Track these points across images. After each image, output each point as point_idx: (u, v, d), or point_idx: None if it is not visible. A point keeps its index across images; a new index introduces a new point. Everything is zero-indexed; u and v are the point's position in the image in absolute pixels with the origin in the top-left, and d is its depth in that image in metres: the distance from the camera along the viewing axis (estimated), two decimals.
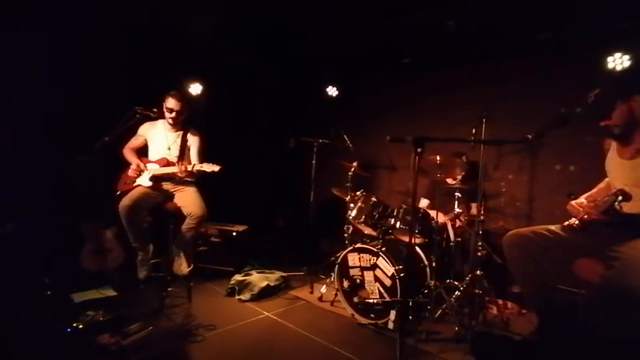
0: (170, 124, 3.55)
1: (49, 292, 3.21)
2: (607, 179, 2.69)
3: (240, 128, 5.63)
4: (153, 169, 3.51)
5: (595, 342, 1.52)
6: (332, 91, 5.39)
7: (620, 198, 2.18)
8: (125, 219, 3.35)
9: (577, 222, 2.43)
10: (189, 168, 3.31)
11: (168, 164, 3.46)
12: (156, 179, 3.50)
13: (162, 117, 3.53)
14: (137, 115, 3.22)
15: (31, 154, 3.75)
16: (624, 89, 2.53)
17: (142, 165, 3.50)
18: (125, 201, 3.32)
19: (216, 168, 3.25)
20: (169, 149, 3.55)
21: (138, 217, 3.42)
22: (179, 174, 3.38)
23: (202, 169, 3.28)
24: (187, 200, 3.51)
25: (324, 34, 4.51)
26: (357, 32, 4.41)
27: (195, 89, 4.76)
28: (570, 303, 2.23)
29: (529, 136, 2.72)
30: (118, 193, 3.49)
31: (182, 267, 3.43)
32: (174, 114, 3.49)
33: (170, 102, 3.48)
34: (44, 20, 3.69)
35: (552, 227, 2.66)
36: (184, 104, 3.51)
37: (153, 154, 3.60)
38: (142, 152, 3.68)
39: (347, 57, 5.16)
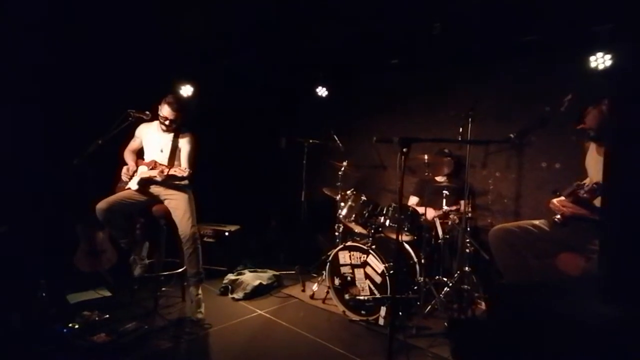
0: (162, 129, 3.52)
1: (44, 294, 3.23)
2: (588, 178, 2.78)
3: (231, 128, 5.66)
4: (141, 171, 3.51)
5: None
6: (321, 91, 5.44)
7: (579, 183, 2.30)
8: (102, 221, 3.35)
9: (558, 217, 2.52)
10: (165, 172, 3.26)
11: (155, 166, 3.40)
12: (143, 182, 3.49)
13: (157, 118, 3.51)
14: (130, 118, 3.23)
15: (25, 156, 3.78)
16: (605, 89, 2.62)
17: (131, 169, 3.51)
18: (101, 204, 3.30)
19: (185, 172, 3.22)
20: (162, 151, 3.53)
21: (115, 220, 3.39)
22: (157, 178, 3.36)
23: (174, 173, 3.23)
24: (176, 212, 3.48)
25: (313, 34, 4.55)
26: (346, 33, 4.47)
27: (187, 89, 4.79)
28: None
29: (511, 135, 2.81)
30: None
31: (198, 312, 3.40)
32: (167, 122, 3.45)
33: (165, 110, 3.42)
34: (36, 19, 3.71)
35: (537, 222, 2.76)
36: (178, 114, 3.44)
37: (147, 156, 3.59)
38: (142, 153, 3.67)
39: (336, 58, 5.21)
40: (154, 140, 3.57)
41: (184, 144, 3.56)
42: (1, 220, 3.51)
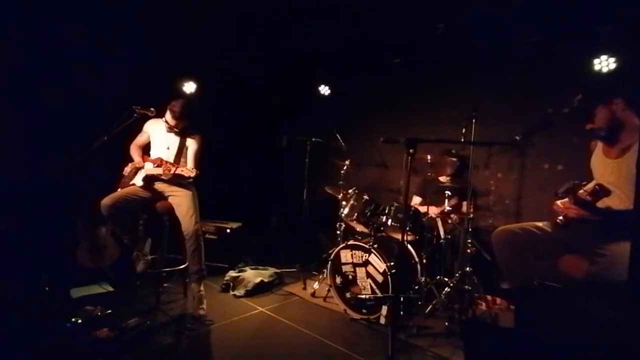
0: (167, 130, 3.54)
1: (46, 288, 3.24)
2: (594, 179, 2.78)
3: (234, 127, 5.66)
4: (147, 168, 3.51)
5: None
6: (324, 90, 5.45)
7: (576, 182, 2.31)
8: (106, 217, 3.35)
9: (561, 218, 2.53)
10: (172, 170, 3.25)
11: (161, 164, 3.39)
12: (148, 179, 3.50)
13: (164, 115, 3.51)
14: (135, 115, 3.22)
15: (29, 152, 3.78)
16: (608, 91, 2.61)
17: (137, 165, 3.52)
18: (106, 200, 3.31)
19: (193, 173, 3.19)
20: (168, 148, 3.54)
21: (119, 216, 3.39)
22: (163, 176, 3.36)
23: (181, 172, 3.21)
24: (180, 209, 3.49)
25: (316, 33, 4.56)
26: (349, 32, 4.47)
27: (189, 86, 4.80)
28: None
29: (517, 138, 2.81)
30: (118, 190, 3.48)
31: (200, 308, 3.41)
32: (168, 127, 3.48)
33: (168, 116, 3.45)
34: (43, 16, 3.72)
35: (540, 224, 2.76)
36: (180, 122, 3.46)
37: (153, 152, 3.60)
38: (148, 149, 3.68)
39: (339, 57, 5.22)
40: (161, 137, 3.58)
41: (191, 143, 3.58)
42: (4, 216, 3.52)
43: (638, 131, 2.47)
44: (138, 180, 3.49)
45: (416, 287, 3.66)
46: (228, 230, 4.70)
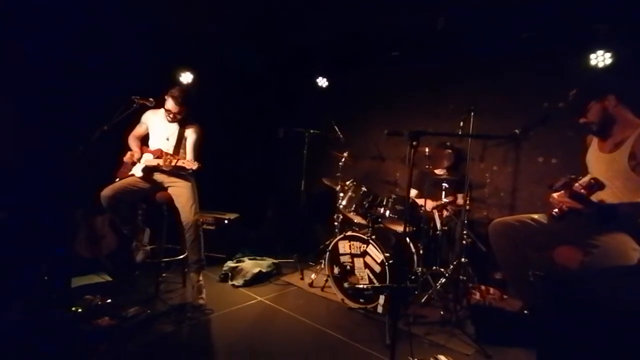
0: (168, 120, 3.50)
1: (46, 278, 3.25)
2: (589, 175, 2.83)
3: (231, 118, 5.66)
4: (147, 159, 3.49)
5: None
6: (322, 82, 5.45)
7: (572, 176, 2.38)
8: (106, 208, 3.35)
9: (556, 210, 2.58)
10: (173, 162, 3.23)
11: (161, 155, 3.39)
12: (148, 170, 3.49)
13: (163, 106, 3.48)
14: (134, 105, 3.20)
15: (29, 142, 3.77)
16: (602, 87, 2.66)
17: (136, 155, 3.51)
18: (106, 191, 3.31)
19: (194, 166, 3.16)
20: (168, 139, 3.53)
21: (119, 207, 3.39)
22: (164, 167, 3.35)
23: (182, 164, 3.19)
24: (180, 199, 3.48)
25: (314, 25, 4.56)
26: (347, 24, 4.48)
27: (187, 76, 4.78)
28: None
29: (516, 131, 2.84)
30: (116, 180, 3.47)
31: (199, 298, 3.43)
32: (171, 115, 3.44)
33: (169, 104, 3.41)
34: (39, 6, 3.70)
35: (536, 216, 2.81)
36: (182, 108, 3.42)
37: (152, 143, 3.59)
38: (147, 140, 3.66)
39: (337, 49, 5.22)
40: (160, 128, 3.56)
41: (190, 134, 3.55)
42: (3, 206, 3.51)
43: (631, 126, 2.52)
44: (137, 171, 3.48)
45: (413, 277, 3.72)
46: (226, 221, 4.73)
